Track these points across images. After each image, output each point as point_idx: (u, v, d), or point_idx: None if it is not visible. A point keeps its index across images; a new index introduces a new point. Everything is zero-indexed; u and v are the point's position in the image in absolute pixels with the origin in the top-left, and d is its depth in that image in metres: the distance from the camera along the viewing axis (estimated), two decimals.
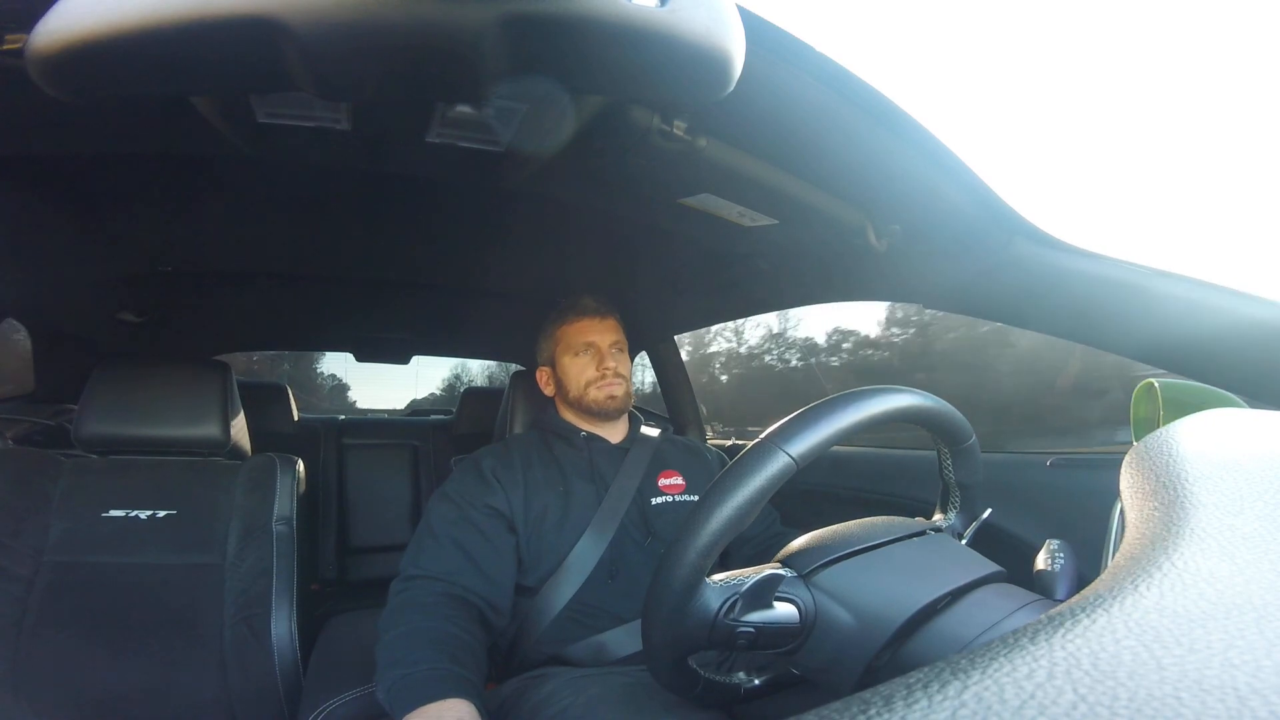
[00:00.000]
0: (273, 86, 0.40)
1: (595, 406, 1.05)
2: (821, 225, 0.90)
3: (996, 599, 0.48)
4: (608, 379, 1.04)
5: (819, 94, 0.62)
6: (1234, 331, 0.69)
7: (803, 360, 3.38)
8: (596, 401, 1.04)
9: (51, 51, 0.34)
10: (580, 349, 1.07)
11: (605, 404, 1.04)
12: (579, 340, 1.07)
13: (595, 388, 1.04)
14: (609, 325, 1.09)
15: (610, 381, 1.04)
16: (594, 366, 1.05)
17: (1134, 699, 0.17)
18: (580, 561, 0.93)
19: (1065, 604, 0.23)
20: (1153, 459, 0.35)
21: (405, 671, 0.73)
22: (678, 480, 1.07)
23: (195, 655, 1.02)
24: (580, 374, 1.06)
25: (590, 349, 1.06)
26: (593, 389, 1.04)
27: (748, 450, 0.49)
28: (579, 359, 1.06)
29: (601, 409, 1.05)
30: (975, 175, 0.72)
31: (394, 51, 0.34)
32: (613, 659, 0.88)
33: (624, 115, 0.69)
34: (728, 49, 0.38)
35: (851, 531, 0.54)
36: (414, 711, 0.68)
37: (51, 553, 1.03)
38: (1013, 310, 0.90)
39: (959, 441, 0.59)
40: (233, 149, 0.77)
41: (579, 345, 1.07)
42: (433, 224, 1.21)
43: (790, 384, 3.56)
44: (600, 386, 1.04)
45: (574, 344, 1.07)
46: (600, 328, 1.08)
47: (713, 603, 0.49)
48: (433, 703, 0.69)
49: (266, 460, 1.19)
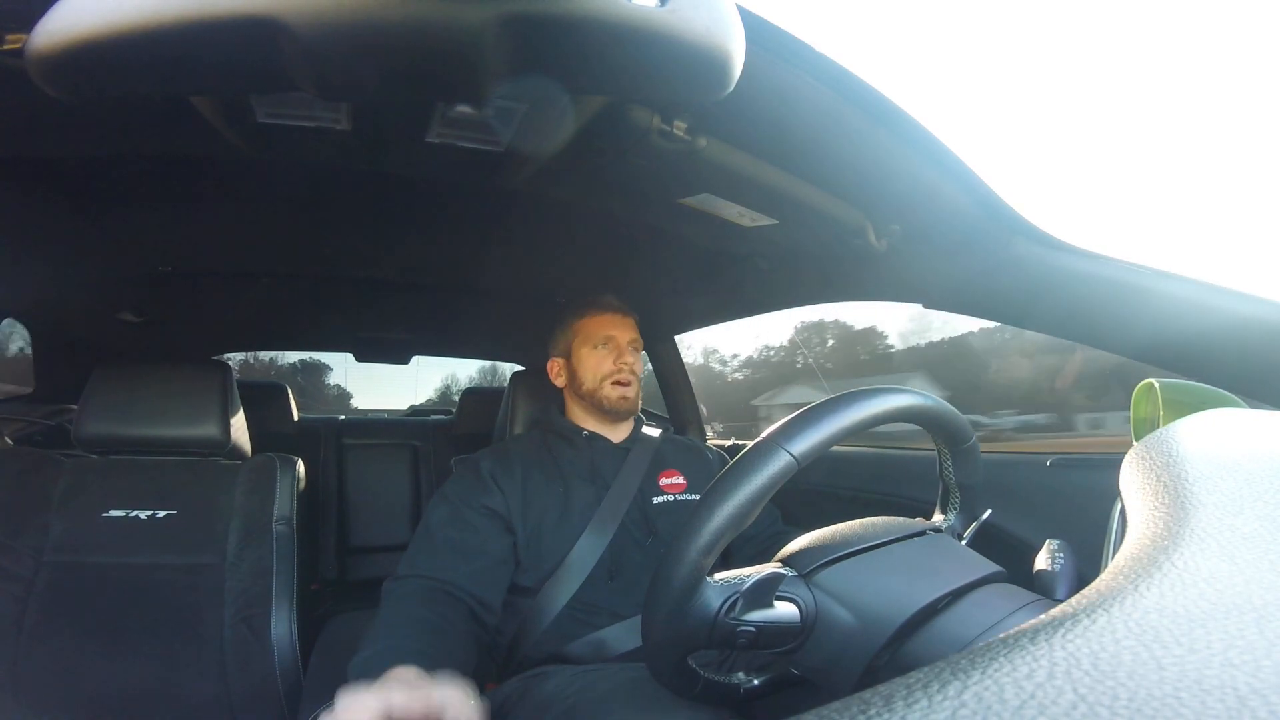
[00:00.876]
0: (273, 87, 0.40)
1: (607, 404, 1.05)
2: (821, 225, 0.90)
3: (996, 599, 0.48)
4: (623, 374, 1.05)
5: (819, 94, 0.62)
6: (1234, 331, 0.69)
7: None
8: (609, 399, 1.05)
9: (52, 51, 0.34)
10: (600, 341, 1.07)
11: (618, 404, 1.05)
12: (599, 333, 1.07)
13: (610, 383, 1.05)
14: (629, 324, 1.11)
15: (626, 377, 1.05)
16: (611, 360, 1.06)
17: (1134, 699, 0.17)
18: (580, 561, 0.93)
19: (1065, 604, 0.23)
20: (1153, 459, 0.35)
21: (365, 654, 0.70)
22: (678, 480, 1.07)
23: (195, 655, 1.01)
24: (598, 366, 1.06)
25: (610, 343, 1.07)
26: (607, 384, 1.05)
27: (749, 449, 0.49)
28: (597, 351, 1.07)
29: (614, 408, 1.05)
30: (975, 175, 0.72)
31: (394, 51, 0.34)
32: (612, 655, 0.88)
33: (624, 115, 0.69)
34: (728, 49, 0.38)
35: (852, 531, 0.54)
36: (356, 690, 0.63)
37: (52, 553, 1.03)
38: (1013, 310, 0.90)
39: (959, 442, 0.59)
40: (233, 149, 0.77)
41: (599, 338, 1.07)
42: (433, 224, 1.21)
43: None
44: (615, 383, 1.05)
45: (594, 336, 1.07)
46: (621, 324, 1.09)
47: (713, 601, 0.49)
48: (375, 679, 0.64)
49: (266, 460, 1.19)
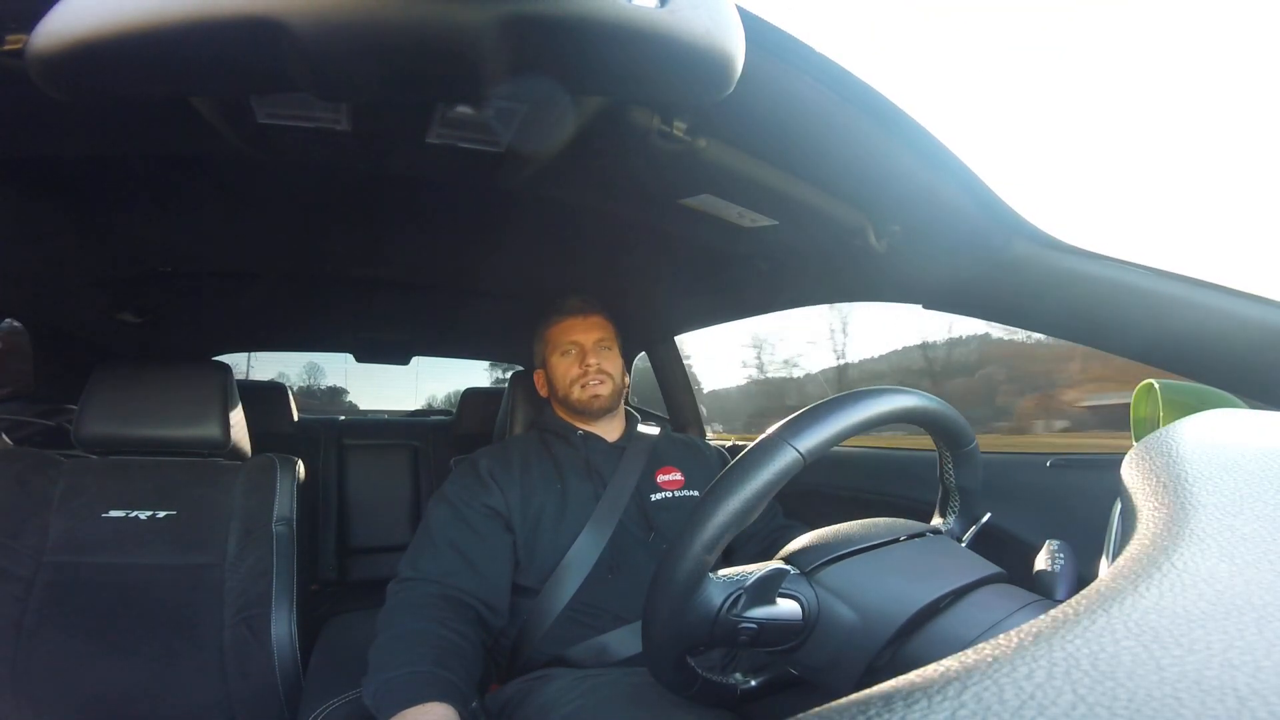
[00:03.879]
0: (273, 87, 0.40)
1: (580, 405, 1.06)
2: (821, 226, 0.90)
3: (997, 599, 0.48)
4: (589, 375, 1.05)
5: (819, 94, 0.62)
6: (1234, 331, 0.69)
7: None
8: (580, 401, 1.05)
9: (52, 52, 0.34)
10: (565, 348, 1.08)
11: (589, 403, 1.05)
12: (563, 340, 1.09)
13: (579, 386, 1.05)
14: (593, 323, 1.10)
15: (593, 378, 1.05)
16: (577, 365, 1.06)
17: (1133, 699, 0.17)
18: (580, 559, 0.93)
19: (1065, 604, 0.23)
20: (1152, 459, 0.35)
21: (389, 675, 0.73)
22: (676, 476, 1.07)
23: (195, 656, 1.01)
24: (566, 373, 1.07)
25: (574, 348, 1.08)
26: (576, 388, 1.06)
27: (756, 444, 0.48)
28: (564, 359, 1.08)
29: (585, 408, 1.06)
30: (975, 175, 0.72)
31: (394, 52, 0.34)
32: (614, 660, 0.88)
33: (624, 116, 0.69)
34: (728, 49, 0.38)
35: (854, 530, 0.55)
36: (394, 716, 0.68)
37: (51, 553, 1.03)
38: (1013, 311, 0.90)
39: (960, 445, 0.59)
40: (233, 149, 0.77)
41: (564, 345, 1.08)
42: (433, 224, 1.21)
43: None
44: (584, 385, 1.05)
45: (559, 344, 1.09)
46: (584, 325, 1.09)
47: (716, 597, 0.49)
48: (412, 706, 0.69)
49: (266, 461, 1.19)
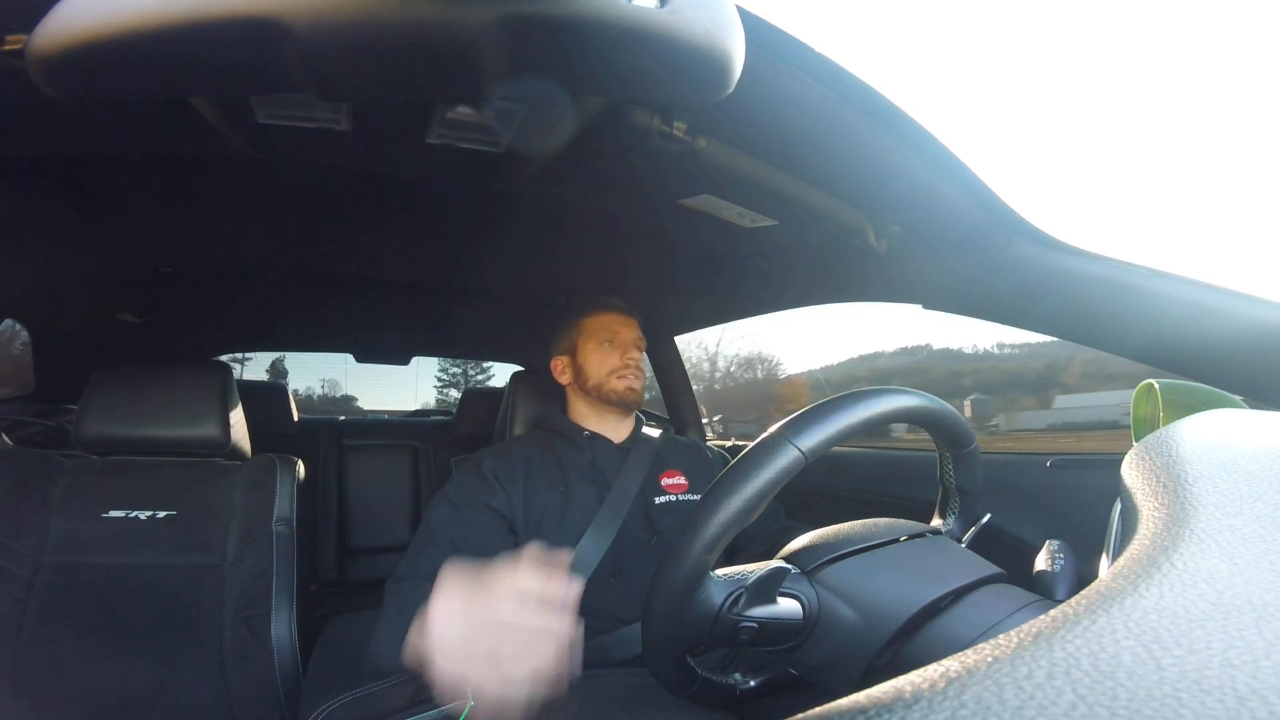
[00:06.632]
0: (273, 87, 0.40)
1: (614, 396, 1.08)
2: (821, 226, 0.90)
3: (997, 599, 0.48)
4: (629, 369, 1.09)
5: (819, 94, 0.62)
6: (1234, 331, 0.69)
7: None
8: (616, 391, 1.08)
9: (52, 52, 0.34)
10: (606, 338, 1.11)
11: (625, 394, 1.08)
12: (605, 331, 1.12)
13: (617, 377, 1.08)
14: (633, 324, 1.15)
15: (632, 372, 1.09)
16: (618, 357, 1.10)
17: (1133, 699, 0.17)
18: (582, 561, 0.93)
19: (1065, 604, 0.23)
20: (1152, 459, 0.35)
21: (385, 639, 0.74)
22: (680, 480, 1.07)
23: (195, 656, 1.01)
24: (603, 362, 1.10)
25: (615, 340, 1.11)
26: (614, 378, 1.09)
27: (758, 443, 0.48)
28: (603, 347, 1.11)
29: (621, 399, 1.08)
30: (975, 175, 0.72)
31: (394, 52, 0.34)
32: (614, 661, 0.88)
33: (624, 116, 0.69)
34: (728, 49, 0.38)
35: (855, 530, 0.55)
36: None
37: (51, 553, 1.03)
38: (1013, 311, 0.90)
39: (961, 446, 0.59)
40: (233, 149, 0.77)
41: (605, 335, 1.11)
42: (433, 224, 1.21)
43: None
44: (622, 377, 1.08)
45: (600, 333, 1.12)
46: (626, 324, 1.14)
47: (717, 596, 0.49)
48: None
49: (266, 461, 1.19)
